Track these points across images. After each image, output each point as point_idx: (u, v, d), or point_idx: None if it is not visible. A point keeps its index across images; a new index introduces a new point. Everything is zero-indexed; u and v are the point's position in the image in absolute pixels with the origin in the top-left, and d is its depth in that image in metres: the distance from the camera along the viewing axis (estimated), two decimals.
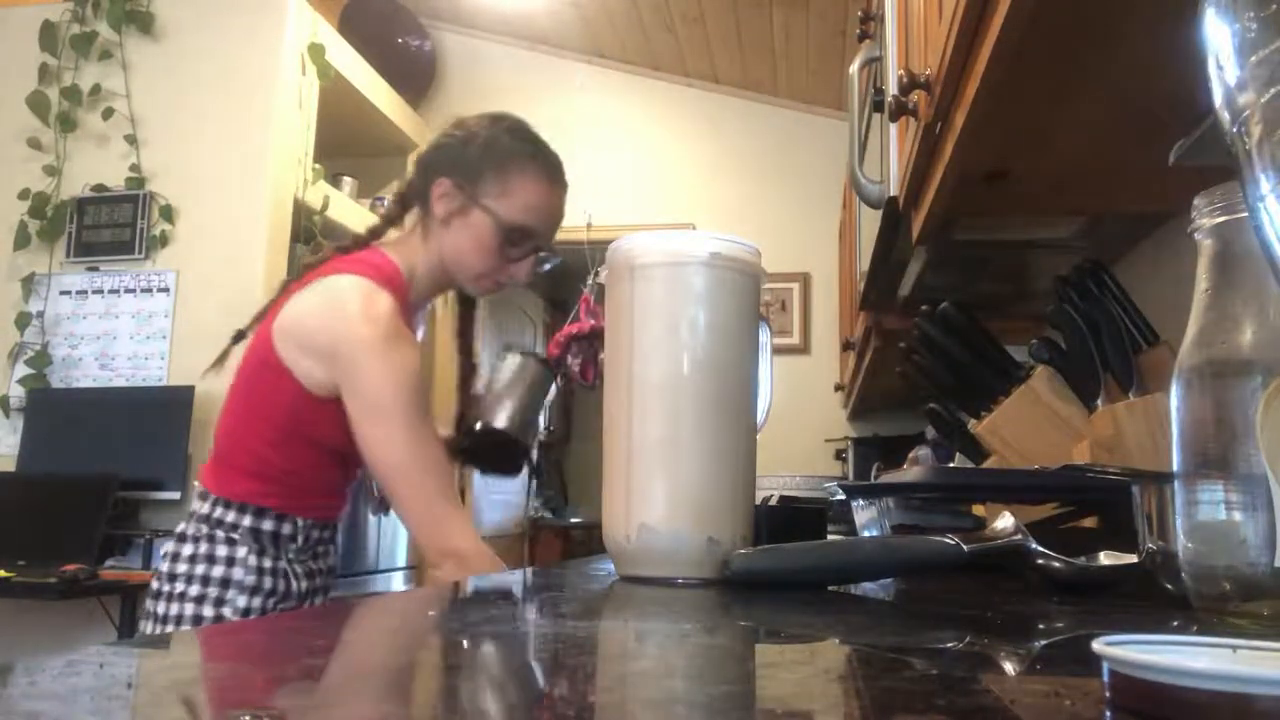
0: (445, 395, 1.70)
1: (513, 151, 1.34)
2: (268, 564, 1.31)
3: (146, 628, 1.31)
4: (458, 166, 1.34)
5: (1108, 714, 0.30)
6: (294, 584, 1.34)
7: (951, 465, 1.89)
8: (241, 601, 1.29)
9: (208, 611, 1.27)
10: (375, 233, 1.42)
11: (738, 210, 4.32)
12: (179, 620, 1.27)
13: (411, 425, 1.23)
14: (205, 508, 1.32)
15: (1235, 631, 0.48)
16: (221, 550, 1.30)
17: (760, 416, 0.81)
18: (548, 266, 1.42)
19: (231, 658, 0.42)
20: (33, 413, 3.18)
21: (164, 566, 1.31)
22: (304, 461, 1.32)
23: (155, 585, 1.31)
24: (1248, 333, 0.52)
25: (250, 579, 1.29)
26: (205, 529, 1.31)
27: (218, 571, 1.29)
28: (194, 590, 1.28)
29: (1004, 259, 1.58)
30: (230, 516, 1.31)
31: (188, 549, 1.30)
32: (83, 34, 3.38)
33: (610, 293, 0.79)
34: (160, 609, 1.29)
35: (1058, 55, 0.84)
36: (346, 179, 3.84)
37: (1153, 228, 1.37)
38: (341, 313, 1.25)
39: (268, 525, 1.31)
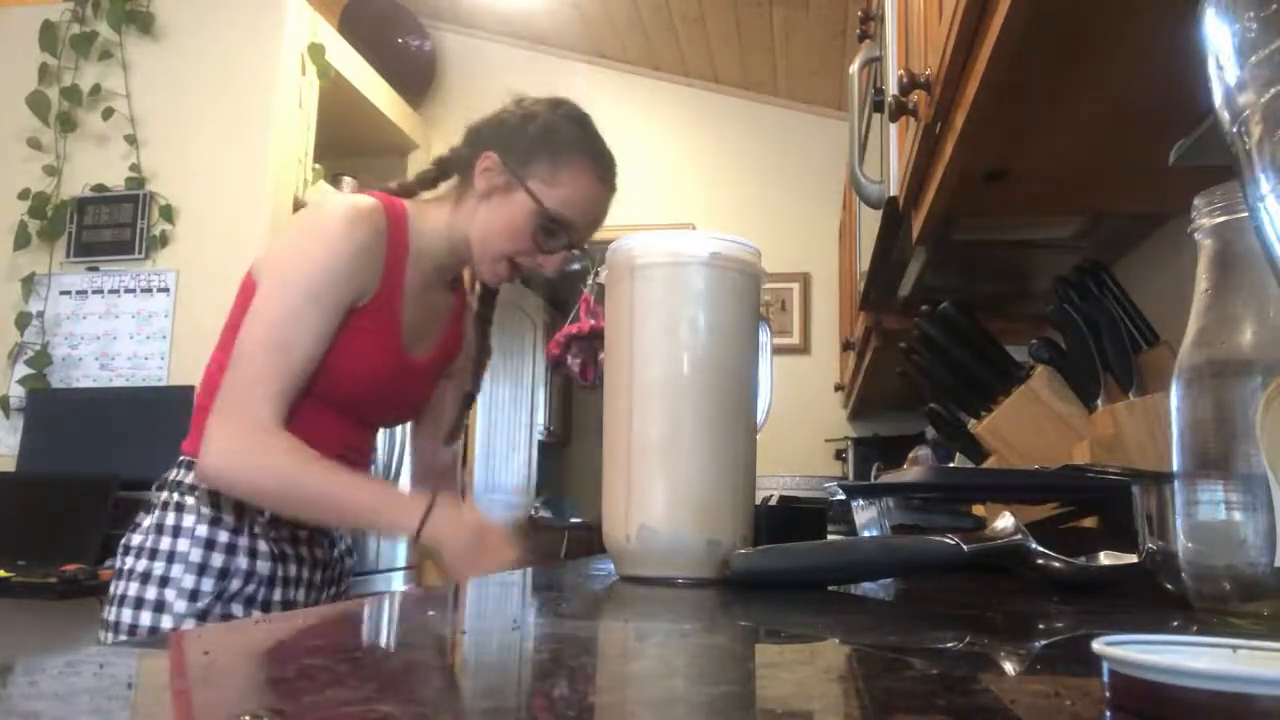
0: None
1: (570, 140, 1.28)
2: (223, 537, 1.17)
3: (103, 612, 1.21)
4: (510, 144, 1.27)
5: (1108, 714, 0.30)
6: (259, 565, 1.19)
7: (951, 465, 1.89)
8: (188, 582, 1.15)
9: (150, 594, 1.16)
10: (405, 189, 1.34)
11: (738, 210, 4.32)
12: (121, 602, 1.17)
13: (288, 292, 1.15)
14: (173, 472, 1.22)
15: (1235, 631, 0.48)
16: (170, 518, 1.18)
17: (760, 416, 0.81)
18: (576, 266, 1.36)
19: (231, 657, 0.42)
20: (33, 413, 3.18)
21: (124, 538, 1.22)
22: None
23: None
24: (1248, 333, 0.52)
25: (197, 554, 1.16)
26: (163, 495, 1.20)
27: (164, 544, 1.17)
28: (140, 566, 1.17)
29: (1004, 259, 1.58)
30: (189, 477, 1.19)
31: (144, 519, 1.21)
32: (83, 34, 3.38)
33: (610, 293, 0.79)
34: (111, 588, 1.19)
35: (1058, 55, 0.84)
36: (346, 179, 3.85)
37: (1153, 228, 1.37)
38: (296, 218, 1.24)
39: None
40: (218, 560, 1.17)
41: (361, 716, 0.29)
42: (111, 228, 3.31)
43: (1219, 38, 0.31)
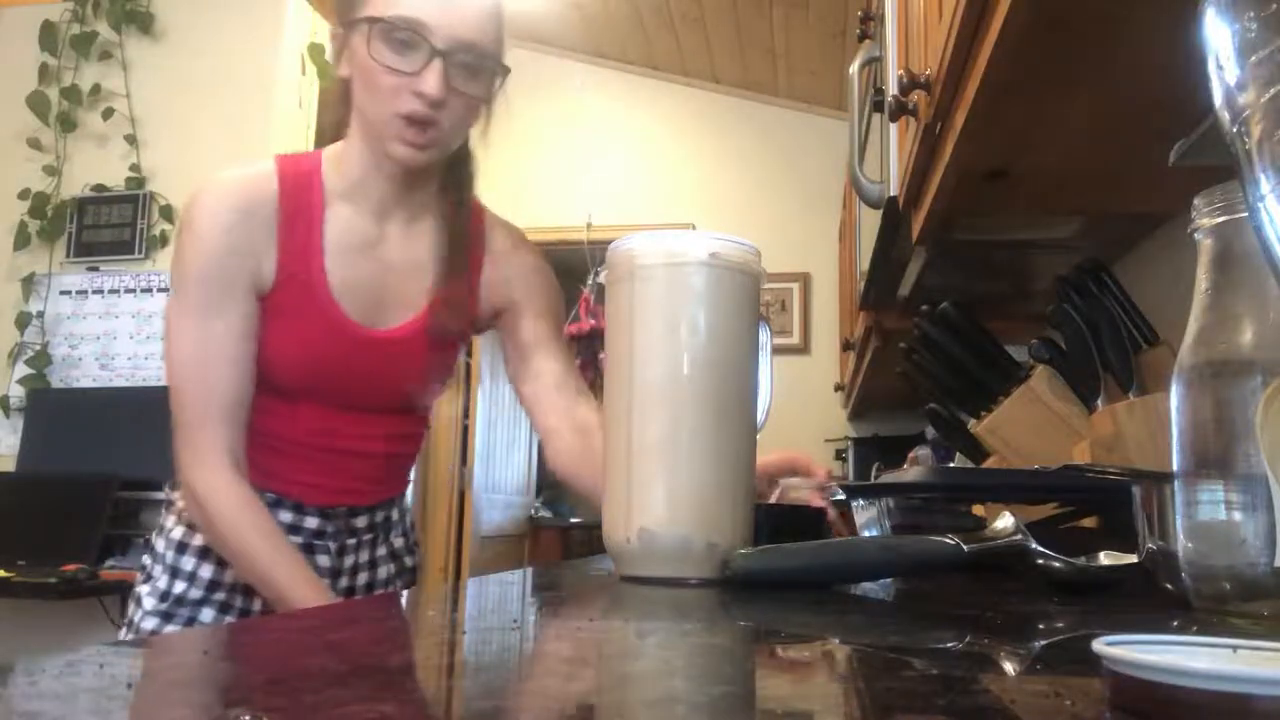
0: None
1: None
2: (196, 540, 1.12)
3: None
4: (338, 10, 1.10)
5: (1108, 714, 0.30)
6: (228, 574, 1.12)
7: (951, 465, 1.89)
8: (162, 582, 1.12)
9: (140, 589, 1.14)
10: (320, 138, 1.18)
11: (738, 210, 4.32)
12: (129, 625, 1.14)
13: (178, 323, 1.07)
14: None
15: (1235, 631, 0.48)
16: (162, 518, 1.18)
17: (760, 416, 0.81)
18: (469, 72, 1.05)
19: (231, 658, 0.42)
20: (33, 413, 3.18)
21: None
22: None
23: None
24: (1248, 333, 0.52)
25: (170, 555, 1.13)
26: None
27: (156, 543, 1.17)
28: (145, 560, 1.17)
29: (1004, 259, 1.58)
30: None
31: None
32: (83, 34, 3.38)
33: (610, 293, 0.79)
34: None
35: (1058, 55, 0.84)
36: None
37: (1153, 228, 1.37)
38: None
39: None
40: (188, 564, 1.13)
41: (361, 716, 0.29)
42: (111, 228, 3.32)
43: (1219, 38, 0.31)
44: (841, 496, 1.03)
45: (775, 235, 4.15)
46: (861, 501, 1.03)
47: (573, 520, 5.73)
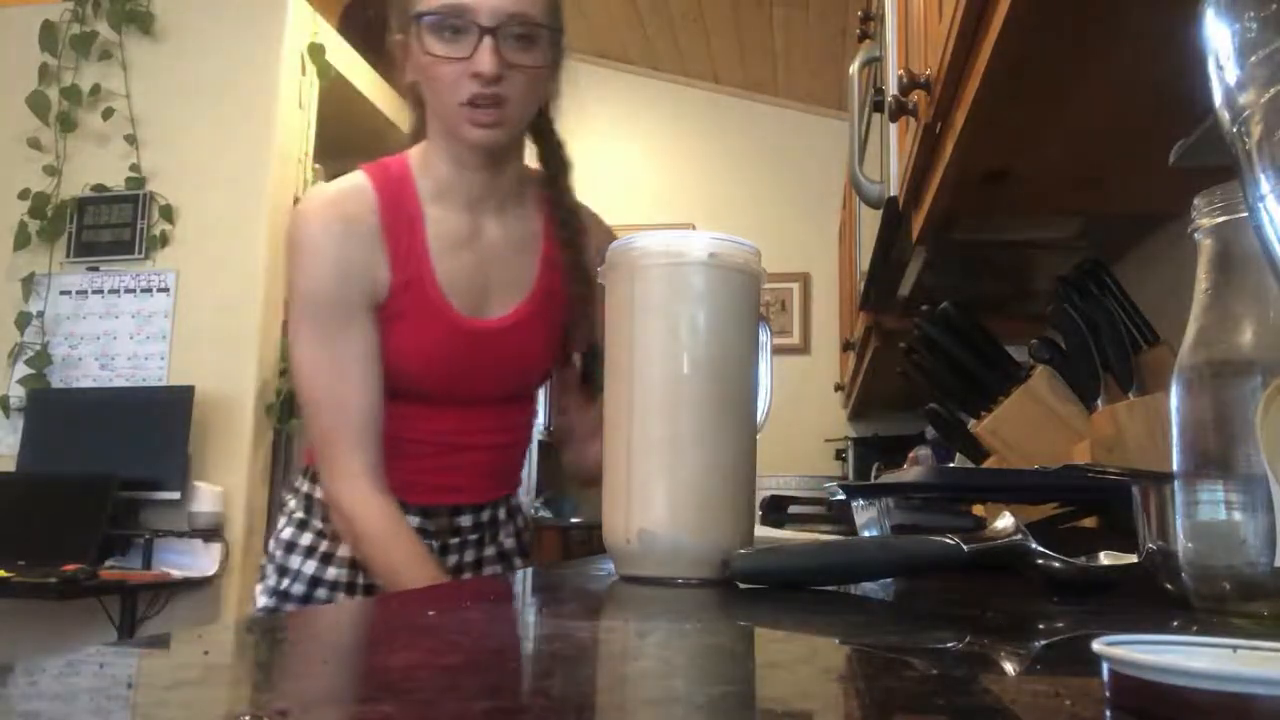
0: None
1: None
2: (305, 540, 1.18)
3: None
4: (395, 19, 1.12)
5: (1108, 714, 0.30)
6: (331, 571, 1.16)
7: (951, 465, 1.89)
8: (272, 580, 1.18)
9: (256, 587, 1.21)
10: (408, 142, 1.22)
11: (738, 210, 4.32)
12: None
13: (304, 343, 1.09)
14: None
15: (1235, 631, 0.48)
16: (277, 517, 1.23)
17: (760, 416, 0.81)
18: (523, 44, 1.06)
19: (231, 657, 0.42)
20: (33, 413, 3.18)
21: None
22: None
23: None
24: (1248, 333, 0.52)
25: (279, 554, 1.18)
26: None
27: (270, 543, 1.22)
28: (258, 576, 1.22)
29: (1004, 259, 1.58)
30: (297, 480, 1.22)
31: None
32: (83, 34, 3.38)
33: (610, 293, 0.79)
34: None
35: (1058, 55, 0.84)
36: None
37: (1153, 228, 1.37)
38: (287, 232, 1.16)
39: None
40: (295, 562, 1.17)
41: (361, 716, 0.29)
42: (111, 228, 3.31)
43: (1219, 37, 0.31)
44: (842, 496, 1.03)
45: (775, 235, 4.15)
46: (861, 501, 1.03)
47: (573, 520, 5.72)
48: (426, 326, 1.11)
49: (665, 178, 4.44)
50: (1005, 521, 0.67)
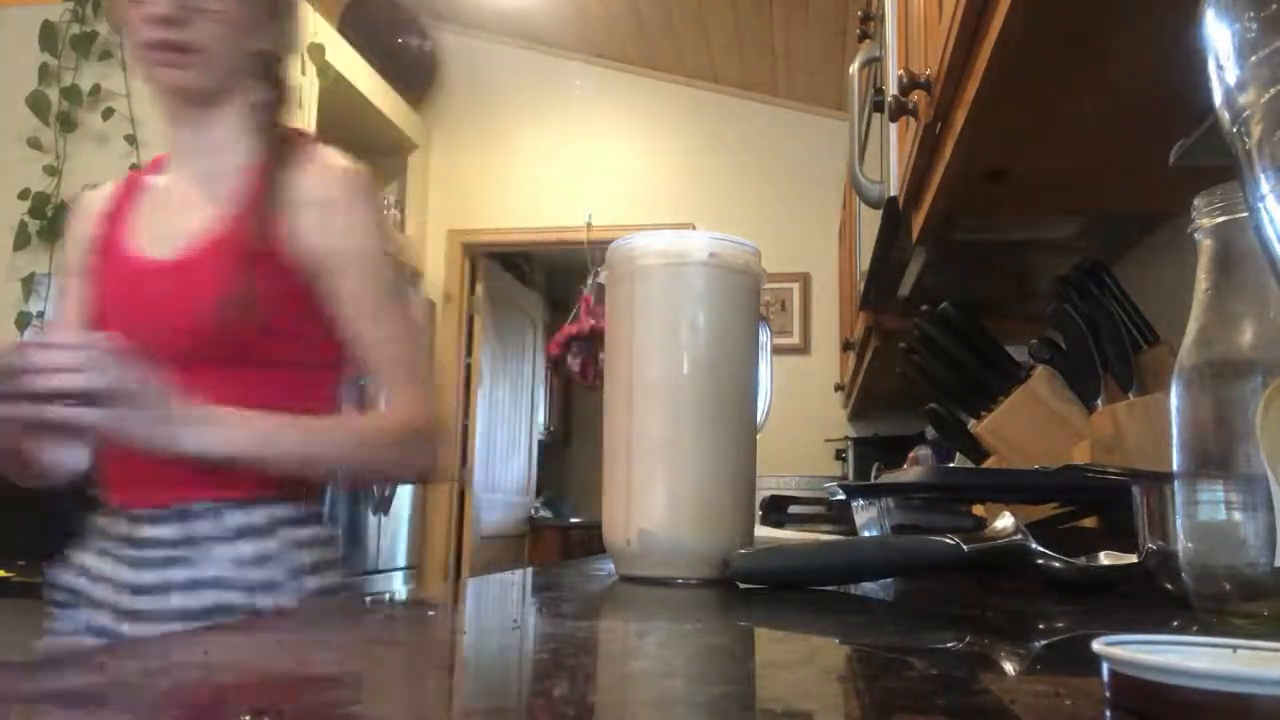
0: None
1: None
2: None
3: None
4: None
5: (1108, 714, 0.30)
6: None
7: (951, 465, 1.89)
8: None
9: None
10: None
11: (738, 210, 4.31)
12: None
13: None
14: None
15: (1235, 631, 0.48)
16: None
17: (760, 416, 0.81)
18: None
19: (231, 657, 0.42)
20: None
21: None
22: None
23: None
24: (1248, 333, 0.52)
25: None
26: None
27: None
28: None
29: (1004, 259, 1.58)
30: None
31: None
32: (83, 34, 3.38)
33: (610, 293, 0.79)
34: None
35: (1058, 55, 0.84)
36: None
37: (1153, 228, 1.37)
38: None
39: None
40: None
41: (361, 716, 0.29)
42: None
43: (1219, 38, 0.31)
44: (842, 496, 1.03)
45: (775, 235, 4.15)
46: (861, 501, 1.03)
47: (573, 520, 5.73)
48: (109, 274, 1.13)
49: (665, 178, 4.43)
50: (1005, 521, 0.67)
